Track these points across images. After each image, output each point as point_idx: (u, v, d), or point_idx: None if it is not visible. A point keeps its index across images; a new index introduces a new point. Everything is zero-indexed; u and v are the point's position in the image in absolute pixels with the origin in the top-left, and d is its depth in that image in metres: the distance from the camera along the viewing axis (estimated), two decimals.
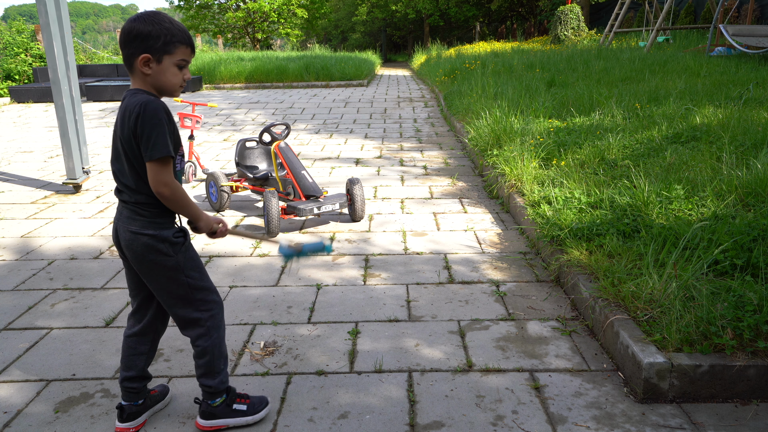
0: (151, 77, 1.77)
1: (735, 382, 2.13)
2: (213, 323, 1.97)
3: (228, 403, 2.04)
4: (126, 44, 1.75)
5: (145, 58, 1.73)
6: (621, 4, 16.22)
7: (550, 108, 6.73)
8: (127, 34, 1.73)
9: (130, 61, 1.76)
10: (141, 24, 1.72)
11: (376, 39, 43.92)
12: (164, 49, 1.74)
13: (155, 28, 1.72)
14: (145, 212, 1.83)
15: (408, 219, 4.37)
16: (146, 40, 1.72)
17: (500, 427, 2.05)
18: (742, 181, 3.47)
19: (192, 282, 1.92)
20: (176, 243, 1.87)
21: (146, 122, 1.70)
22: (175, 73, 1.78)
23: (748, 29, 10.68)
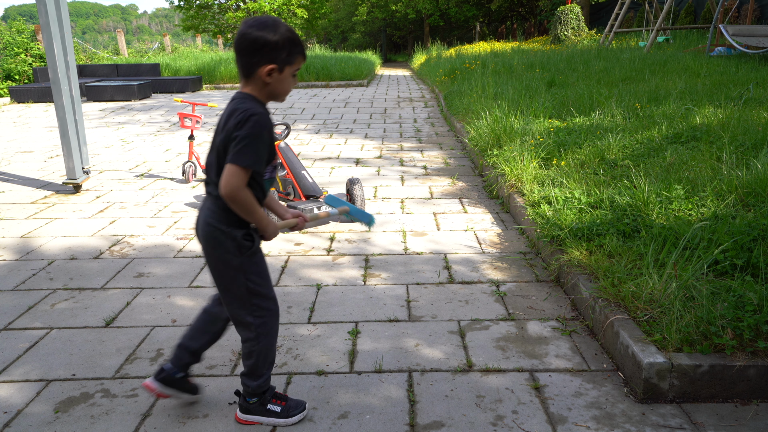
0: (270, 86, 1.80)
1: (735, 382, 2.13)
2: (263, 330, 1.97)
3: (262, 402, 2.06)
4: (251, 53, 1.75)
5: (271, 68, 1.75)
6: (621, 4, 16.22)
7: (550, 108, 6.73)
8: (253, 42, 1.73)
9: (251, 69, 1.77)
10: (268, 33, 1.73)
11: (376, 39, 43.92)
12: (287, 60, 1.77)
13: (281, 39, 1.74)
14: (223, 208, 1.84)
15: (408, 219, 4.37)
16: (273, 50, 1.74)
17: (500, 427, 2.05)
18: (742, 181, 3.47)
19: (251, 286, 1.92)
20: (243, 245, 1.87)
21: (247, 131, 1.71)
22: (291, 81, 1.83)
23: (748, 29, 10.68)
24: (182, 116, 5.47)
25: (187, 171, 5.51)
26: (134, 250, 3.81)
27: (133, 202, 4.93)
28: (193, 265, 3.55)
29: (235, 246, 1.86)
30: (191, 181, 5.55)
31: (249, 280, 1.91)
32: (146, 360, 2.51)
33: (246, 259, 1.89)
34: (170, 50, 23.04)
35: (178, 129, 8.72)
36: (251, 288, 1.92)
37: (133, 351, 2.58)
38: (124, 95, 12.57)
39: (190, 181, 5.54)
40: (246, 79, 1.80)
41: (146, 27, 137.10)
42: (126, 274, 3.42)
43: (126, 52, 21.88)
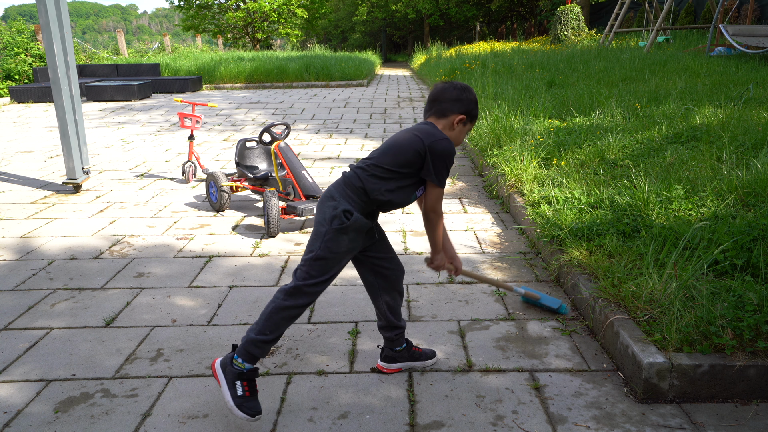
0: (454, 131, 2.14)
1: (735, 382, 2.13)
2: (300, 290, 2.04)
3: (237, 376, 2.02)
4: (453, 101, 2.11)
5: (463, 118, 2.13)
6: (621, 4, 16.22)
7: (550, 108, 6.73)
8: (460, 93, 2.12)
9: (447, 112, 2.12)
10: (472, 96, 2.15)
11: (376, 39, 43.92)
12: (472, 120, 2.17)
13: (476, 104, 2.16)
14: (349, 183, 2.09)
15: (408, 219, 4.37)
16: (472, 108, 2.14)
17: (500, 427, 2.05)
18: (742, 181, 3.47)
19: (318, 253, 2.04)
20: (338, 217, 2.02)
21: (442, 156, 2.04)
22: (465, 136, 2.21)
23: (748, 29, 10.68)
24: (182, 116, 5.47)
25: (187, 171, 5.51)
26: (134, 250, 3.81)
27: (133, 202, 4.93)
28: (193, 265, 3.55)
29: (331, 215, 2.03)
30: (191, 181, 5.55)
31: (321, 248, 2.04)
32: (146, 360, 2.51)
33: (333, 232, 2.02)
34: (170, 50, 23.04)
35: (178, 129, 8.72)
36: (316, 255, 2.04)
37: (133, 351, 2.58)
38: (124, 95, 12.57)
39: (190, 181, 5.54)
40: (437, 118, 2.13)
41: (146, 27, 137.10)
42: (126, 274, 3.42)
43: (126, 52, 21.88)
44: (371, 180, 2.05)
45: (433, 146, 2.01)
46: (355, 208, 2.04)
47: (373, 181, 2.05)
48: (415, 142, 2.03)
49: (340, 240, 2.03)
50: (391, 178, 2.05)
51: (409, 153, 2.03)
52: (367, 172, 2.06)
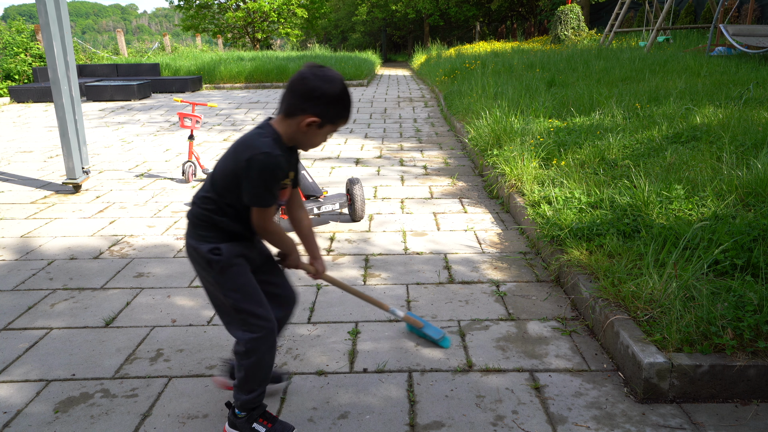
0: (303, 135, 1.78)
1: (735, 382, 2.13)
2: (252, 346, 1.88)
3: (249, 419, 1.97)
4: (303, 97, 1.73)
5: (315, 121, 1.74)
6: (621, 3, 16.21)
7: (550, 108, 6.73)
8: (311, 90, 1.71)
9: (295, 112, 1.74)
10: (330, 87, 1.72)
11: (376, 39, 43.91)
12: (332, 122, 1.77)
13: (341, 99, 1.75)
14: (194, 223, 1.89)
15: (408, 219, 4.37)
16: (329, 109, 1.74)
17: (500, 427, 2.05)
18: (742, 181, 3.47)
19: (231, 302, 1.88)
20: (211, 260, 1.85)
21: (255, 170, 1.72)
22: (325, 138, 1.84)
23: (748, 29, 10.68)
24: (182, 116, 5.47)
25: (187, 171, 5.51)
26: (134, 250, 3.81)
27: (133, 202, 4.93)
28: None
29: (204, 261, 1.86)
30: (191, 181, 5.54)
31: (227, 296, 1.87)
32: (146, 360, 2.51)
33: (218, 274, 1.86)
34: (170, 50, 23.03)
35: (177, 129, 8.72)
36: (232, 304, 1.87)
37: (132, 351, 2.58)
38: (123, 95, 12.57)
39: (189, 181, 5.54)
40: (283, 116, 1.77)
41: (146, 27, 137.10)
42: (126, 274, 3.41)
43: (126, 52, 21.88)
44: (213, 215, 1.84)
45: (249, 162, 1.70)
46: (217, 241, 1.85)
47: (216, 217, 1.84)
48: (232, 164, 1.77)
49: (232, 273, 1.87)
50: (230, 205, 1.82)
51: (228, 178, 1.78)
52: (203, 209, 1.85)
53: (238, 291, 1.87)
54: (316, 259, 2.12)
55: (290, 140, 1.80)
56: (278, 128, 1.78)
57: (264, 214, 1.81)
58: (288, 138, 1.79)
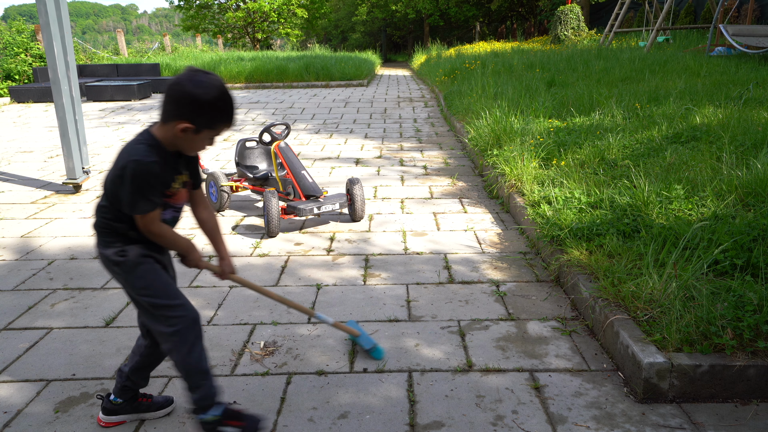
0: (181, 140, 1.77)
1: (735, 382, 2.13)
2: (176, 338, 1.88)
3: (215, 424, 1.94)
4: (176, 102, 1.73)
5: (188, 127, 1.73)
6: (621, 4, 16.22)
7: (550, 108, 6.73)
8: (182, 95, 1.71)
9: (169, 118, 1.74)
10: (202, 92, 1.69)
11: (376, 39, 43.92)
12: (209, 127, 1.75)
13: (213, 103, 1.71)
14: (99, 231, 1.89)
15: (408, 219, 4.37)
16: (199, 110, 1.71)
17: (500, 427, 2.05)
18: (742, 181, 3.47)
19: (146, 300, 1.88)
20: (118, 262, 1.86)
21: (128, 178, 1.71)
22: (206, 143, 1.81)
23: (748, 29, 10.68)
24: None
25: None
26: None
27: None
28: None
29: (113, 264, 1.87)
30: None
31: (140, 294, 1.88)
32: None
33: (127, 274, 1.87)
34: (170, 50, 23.04)
35: None
36: (147, 302, 1.88)
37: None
38: (124, 95, 12.57)
39: None
40: (161, 118, 1.77)
41: (146, 27, 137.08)
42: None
43: (126, 52, 21.89)
44: (112, 223, 1.84)
45: (123, 170, 1.71)
46: (120, 244, 1.86)
47: (114, 224, 1.84)
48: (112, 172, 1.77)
49: (139, 272, 1.87)
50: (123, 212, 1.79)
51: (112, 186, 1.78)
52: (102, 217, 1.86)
53: (149, 288, 1.88)
54: (224, 259, 2.08)
55: (171, 145, 1.79)
56: (157, 134, 1.78)
57: (145, 219, 1.78)
58: (168, 143, 1.78)
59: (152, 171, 1.72)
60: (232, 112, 1.78)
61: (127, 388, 2.07)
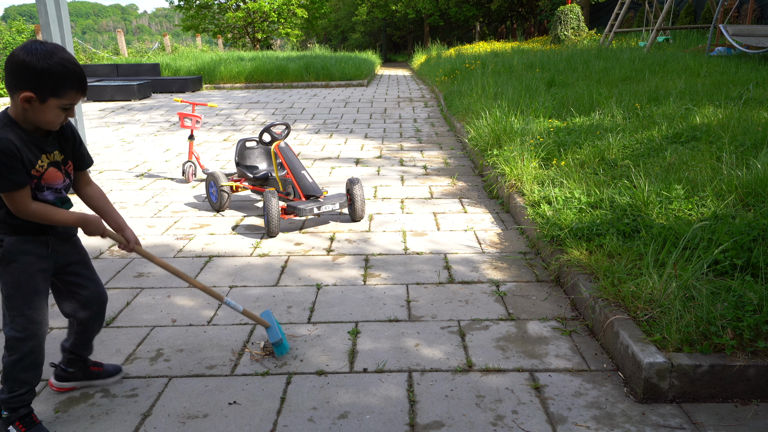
0: (29, 113, 1.74)
1: (735, 382, 2.13)
2: (12, 344, 1.93)
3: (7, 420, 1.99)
4: (11, 73, 1.69)
5: (27, 96, 1.69)
6: (621, 4, 16.22)
7: (550, 108, 6.73)
8: (15, 65, 1.67)
9: (11, 91, 1.72)
10: (35, 59, 1.65)
11: (376, 39, 43.92)
12: (54, 93, 1.70)
13: (50, 68, 1.66)
14: None
15: (408, 219, 4.37)
16: (36, 77, 1.67)
17: (500, 427, 2.05)
18: (742, 181, 3.47)
19: (4, 292, 1.92)
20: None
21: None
22: (58, 114, 1.76)
23: (748, 29, 10.68)
24: (182, 116, 5.47)
25: (187, 171, 5.51)
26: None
27: (133, 202, 4.93)
28: (193, 264, 3.55)
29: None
30: (191, 181, 5.55)
31: (4, 285, 1.91)
32: (146, 360, 2.51)
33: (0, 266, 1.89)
34: (170, 50, 23.04)
35: (178, 129, 8.72)
36: (5, 296, 1.91)
37: (133, 351, 2.58)
38: (124, 95, 12.57)
39: (190, 181, 5.54)
40: (9, 95, 1.75)
41: (146, 27, 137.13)
42: (126, 274, 3.42)
43: (126, 52, 21.89)
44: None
45: None
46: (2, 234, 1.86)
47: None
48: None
49: (12, 269, 1.89)
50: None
51: None
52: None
53: (13, 287, 1.90)
54: (123, 229, 2.08)
55: (25, 122, 1.77)
56: (12, 113, 1.77)
57: (11, 199, 1.76)
58: (22, 120, 1.77)
59: (6, 149, 1.70)
60: (76, 77, 1.72)
61: (74, 360, 2.22)
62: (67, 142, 1.94)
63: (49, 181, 1.88)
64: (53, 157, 1.88)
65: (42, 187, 1.87)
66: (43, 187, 1.87)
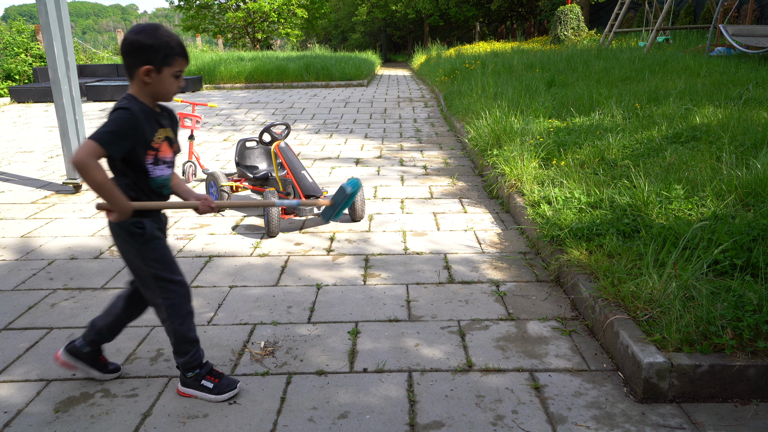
0: (149, 86, 1.96)
1: (735, 382, 2.13)
2: (172, 311, 2.13)
3: (197, 377, 2.22)
4: (129, 54, 1.93)
5: (147, 69, 1.92)
6: (621, 4, 16.22)
7: (550, 108, 6.73)
8: (131, 45, 1.91)
9: (131, 70, 1.95)
10: (145, 37, 1.90)
11: (376, 39, 43.92)
12: (165, 62, 1.94)
13: (158, 42, 1.91)
14: None
15: (408, 219, 4.37)
16: (149, 51, 1.91)
17: (500, 427, 2.05)
18: (741, 181, 3.47)
19: (153, 271, 2.09)
20: (134, 232, 2.04)
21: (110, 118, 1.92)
22: (172, 82, 1.99)
23: (748, 29, 10.68)
24: (182, 116, 5.47)
25: (187, 171, 5.51)
26: None
27: None
28: (193, 264, 3.55)
29: (127, 234, 2.04)
30: (191, 181, 5.55)
31: (149, 266, 2.08)
32: (146, 360, 2.51)
33: (141, 245, 2.06)
34: None
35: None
36: (153, 273, 2.09)
37: (133, 351, 2.58)
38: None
39: (190, 181, 5.54)
40: (129, 80, 1.98)
41: None
42: (126, 274, 3.41)
43: None
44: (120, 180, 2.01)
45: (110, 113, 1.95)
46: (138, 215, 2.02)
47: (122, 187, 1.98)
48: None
49: (153, 247, 2.08)
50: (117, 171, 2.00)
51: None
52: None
53: (160, 261, 2.10)
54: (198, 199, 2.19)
55: (144, 96, 1.98)
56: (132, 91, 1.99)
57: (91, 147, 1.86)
58: (142, 95, 1.98)
59: (134, 117, 1.91)
60: (179, 46, 1.95)
61: (96, 342, 2.30)
62: (173, 120, 2.14)
63: (164, 155, 2.05)
64: (167, 132, 2.06)
65: (159, 161, 2.04)
66: (160, 161, 2.04)
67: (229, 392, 2.22)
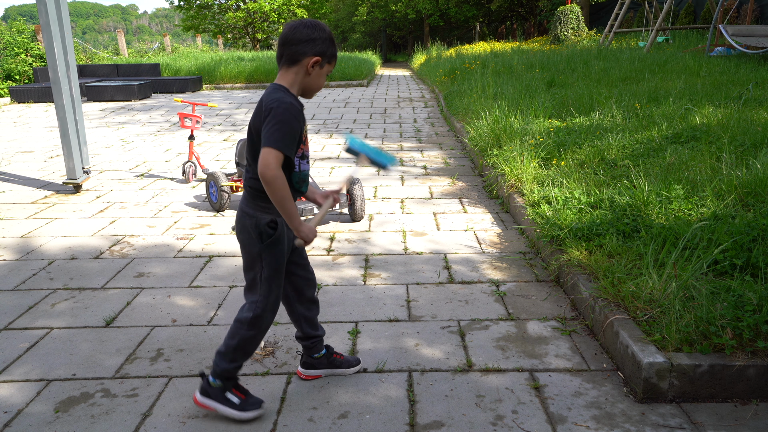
0: (309, 78, 1.94)
1: (734, 382, 2.14)
2: (256, 321, 2.04)
3: (223, 389, 2.09)
4: (299, 42, 1.89)
5: (318, 60, 1.91)
6: (621, 4, 16.22)
7: (550, 108, 6.73)
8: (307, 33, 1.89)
9: (295, 57, 1.90)
10: (319, 31, 1.92)
11: (376, 39, 43.91)
12: (329, 60, 1.97)
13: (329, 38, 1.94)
14: (252, 195, 1.98)
15: (408, 219, 4.37)
16: (327, 47, 1.93)
17: (500, 426, 2.05)
18: (741, 181, 3.47)
19: (264, 275, 2.01)
20: (265, 232, 1.96)
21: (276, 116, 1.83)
22: (324, 79, 2.00)
23: (748, 29, 10.69)
24: (182, 116, 5.47)
25: (188, 171, 5.51)
26: (134, 250, 3.81)
27: (133, 202, 4.93)
28: (193, 264, 3.55)
29: (257, 232, 1.97)
30: (191, 181, 5.55)
31: (263, 268, 2.00)
32: (146, 360, 2.51)
33: (265, 247, 1.98)
34: (170, 50, 23.04)
35: (178, 129, 8.72)
36: (265, 275, 2.01)
37: (133, 351, 2.59)
38: (124, 95, 12.57)
39: (190, 181, 5.54)
40: (286, 67, 1.92)
41: (146, 27, 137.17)
42: (126, 274, 3.42)
43: (126, 52, 21.89)
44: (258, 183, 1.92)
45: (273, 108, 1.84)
46: (274, 214, 1.96)
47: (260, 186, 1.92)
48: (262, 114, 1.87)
49: (277, 252, 2.01)
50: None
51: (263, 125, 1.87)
52: (253, 179, 1.96)
53: (274, 269, 2.02)
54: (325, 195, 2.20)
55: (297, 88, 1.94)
56: (284, 83, 1.93)
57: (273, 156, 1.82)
58: (296, 88, 1.94)
59: (300, 112, 1.90)
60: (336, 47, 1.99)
61: (316, 343, 2.29)
62: None
63: (306, 149, 2.02)
64: (307, 126, 2.03)
65: (305, 155, 2.00)
66: (304, 155, 2.00)
67: (255, 411, 2.08)
